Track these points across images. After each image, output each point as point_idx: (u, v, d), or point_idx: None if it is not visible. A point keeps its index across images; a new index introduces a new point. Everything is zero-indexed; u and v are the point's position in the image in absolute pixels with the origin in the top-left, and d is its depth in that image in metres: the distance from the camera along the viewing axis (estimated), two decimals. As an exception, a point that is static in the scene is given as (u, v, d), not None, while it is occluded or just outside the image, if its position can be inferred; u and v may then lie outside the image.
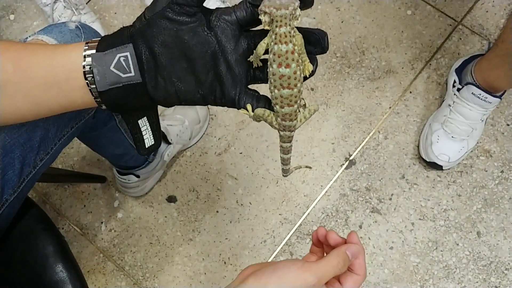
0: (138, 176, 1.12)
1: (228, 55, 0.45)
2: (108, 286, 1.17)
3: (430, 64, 1.27)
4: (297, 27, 0.44)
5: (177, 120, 1.18)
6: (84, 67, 0.45)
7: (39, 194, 1.23)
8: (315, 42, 0.44)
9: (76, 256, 1.20)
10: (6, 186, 0.61)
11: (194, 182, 1.23)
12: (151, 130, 0.52)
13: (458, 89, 1.13)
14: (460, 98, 1.11)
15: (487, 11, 1.30)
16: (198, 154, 1.24)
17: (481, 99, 1.07)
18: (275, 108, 0.46)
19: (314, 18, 1.33)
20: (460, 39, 1.28)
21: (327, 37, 0.44)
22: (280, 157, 0.53)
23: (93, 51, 0.45)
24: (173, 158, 1.24)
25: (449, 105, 1.14)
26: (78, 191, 1.24)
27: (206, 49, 0.45)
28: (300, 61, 0.44)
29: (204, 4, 0.45)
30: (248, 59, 0.46)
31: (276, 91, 0.44)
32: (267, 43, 0.43)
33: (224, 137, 1.25)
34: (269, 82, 0.45)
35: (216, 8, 0.45)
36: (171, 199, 1.22)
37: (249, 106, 0.47)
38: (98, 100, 0.47)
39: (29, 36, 0.62)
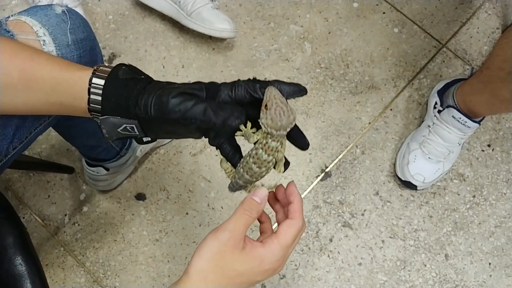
0: (107, 169, 1.08)
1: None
2: (66, 281, 1.12)
3: (412, 84, 1.27)
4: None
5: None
6: (89, 100, 0.49)
7: (1, 180, 1.17)
8: (298, 146, 0.52)
9: (35, 248, 1.16)
10: None
11: (165, 181, 1.19)
12: None
13: (439, 111, 1.13)
14: (440, 120, 1.12)
15: (471, 37, 1.32)
16: (172, 153, 1.21)
17: (461, 123, 1.08)
18: (237, 171, 0.52)
19: (302, 26, 1.32)
20: (443, 61, 1.29)
21: (308, 147, 0.52)
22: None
23: (100, 80, 0.49)
24: (146, 154, 1.20)
25: (429, 126, 1.15)
26: (43, 180, 1.19)
27: (199, 134, 0.52)
28: (271, 167, 0.51)
29: None
30: (239, 133, 0.51)
31: (241, 170, 0.51)
32: (259, 139, 0.49)
33: (200, 137, 1.22)
34: (242, 160, 0.51)
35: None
36: (140, 196, 1.18)
37: (219, 152, 0.53)
38: (100, 124, 0.51)
39: (11, 16, 0.58)
